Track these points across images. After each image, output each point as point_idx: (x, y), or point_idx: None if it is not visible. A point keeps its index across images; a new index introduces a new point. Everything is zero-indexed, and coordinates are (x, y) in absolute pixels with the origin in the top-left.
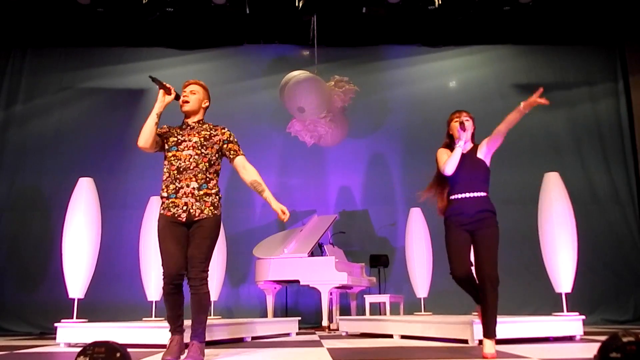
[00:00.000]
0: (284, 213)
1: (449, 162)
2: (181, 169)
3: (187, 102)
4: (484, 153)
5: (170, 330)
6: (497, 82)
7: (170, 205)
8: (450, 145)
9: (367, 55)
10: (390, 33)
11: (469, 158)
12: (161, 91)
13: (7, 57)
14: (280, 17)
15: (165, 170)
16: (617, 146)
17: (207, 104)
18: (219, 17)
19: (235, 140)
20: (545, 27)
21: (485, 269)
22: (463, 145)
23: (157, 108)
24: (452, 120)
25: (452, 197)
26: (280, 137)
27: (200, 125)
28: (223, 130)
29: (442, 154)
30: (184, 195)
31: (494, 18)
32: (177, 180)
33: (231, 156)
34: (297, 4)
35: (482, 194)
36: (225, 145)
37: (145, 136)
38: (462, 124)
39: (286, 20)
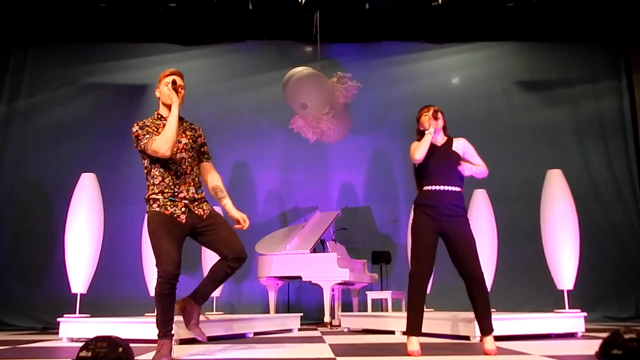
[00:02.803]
0: (244, 221)
1: (417, 149)
2: (179, 174)
3: (183, 90)
4: (460, 150)
5: (159, 335)
6: (501, 79)
7: (168, 204)
8: None
9: (370, 51)
10: (393, 29)
11: (443, 150)
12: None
13: (10, 52)
14: (283, 13)
15: (158, 174)
16: (619, 143)
17: None
18: (221, 12)
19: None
20: (549, 24)
21: (474, 269)
22: (433, 133)
23: (178, 110)
24: (422, 114)
25: (426, 187)
26: (283, 133)
27: (181, 123)
28: (200, 131)
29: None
30: (184, 199)
31: (497, 15)
32: (176, 186)
33: (204, 159)
34: (300, 0)
35: (457, 188)
36: (202, 148)
37: (173, 143)
38: (435, 112)
39: (289, 16)
